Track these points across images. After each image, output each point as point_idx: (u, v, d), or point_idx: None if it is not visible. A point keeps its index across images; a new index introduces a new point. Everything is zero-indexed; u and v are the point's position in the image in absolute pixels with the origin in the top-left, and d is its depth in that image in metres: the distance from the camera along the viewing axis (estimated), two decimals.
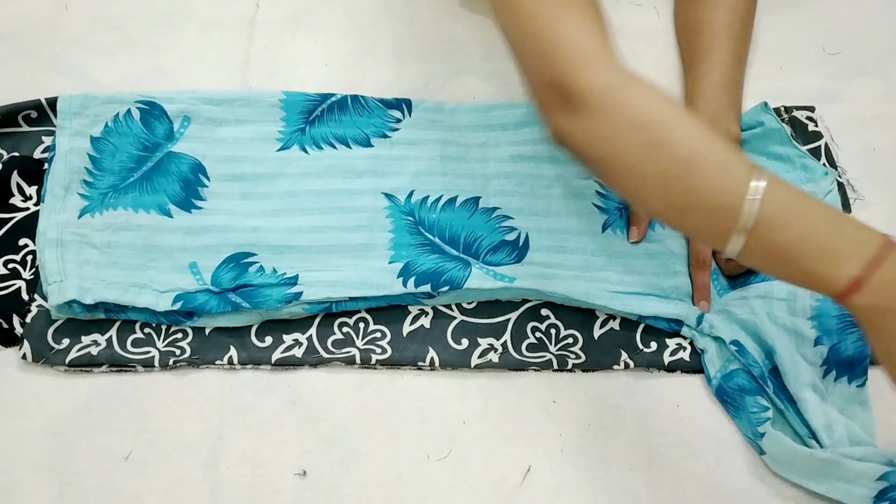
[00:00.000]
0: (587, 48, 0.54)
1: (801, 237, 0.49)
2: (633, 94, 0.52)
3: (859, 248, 0.48)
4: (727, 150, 0.50)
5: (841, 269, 0.48)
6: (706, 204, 0.50)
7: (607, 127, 0.53)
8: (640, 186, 0.53)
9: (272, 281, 0.67)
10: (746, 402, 0.65)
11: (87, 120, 0.73)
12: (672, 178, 0.51)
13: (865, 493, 0.60)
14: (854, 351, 0.67)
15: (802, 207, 0.49)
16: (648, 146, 0.51)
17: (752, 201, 0.49)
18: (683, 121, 0.52)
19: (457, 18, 0.84)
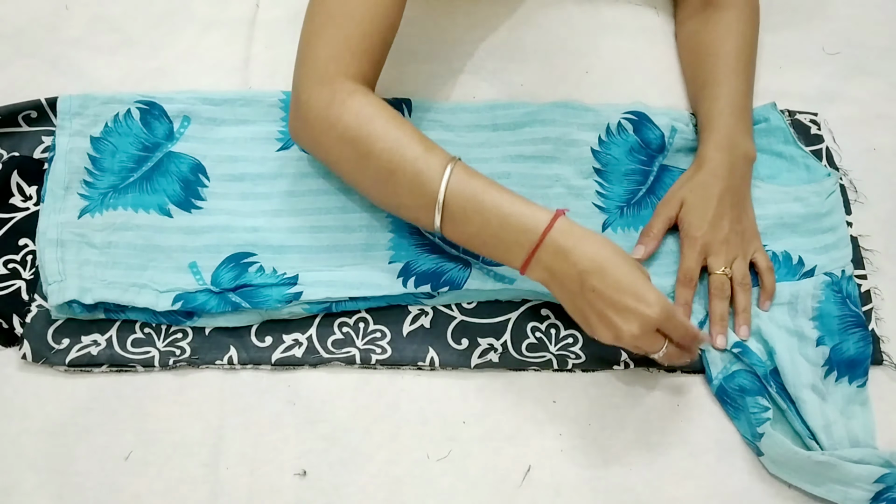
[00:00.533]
0: (327, 66, 0.63)
1: (480, 230, 0.61)
2: (346, 111, 0.62)
3: (525, 236, 0.59)
4: (419, 158, 0.61)
5: (512, 256, 0.61)
6: (408, 203, 0.62)
7: (322, 138, 0.64)
8: (358, 187, 0.66)
9: (272, 281, 0.67)
10: (746, 403, 0.65)
11: (87, 120, 0.73)
12: (379, 182, 0.63)
13: (862, 495, 0.60)
14: (855, 351, 0.67)
15: (480, 202, 0.60)
16: (357, 158, 0.62)
17: (437, 206, 0.60)
18: (385, 135, 0.61)
19: (457, 18, 0.84)
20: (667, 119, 0.77)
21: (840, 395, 0.65)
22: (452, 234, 0.63)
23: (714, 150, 0.71)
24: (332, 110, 0.62)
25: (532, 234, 0.59)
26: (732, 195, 0.70)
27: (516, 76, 0.81)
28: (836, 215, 0.73)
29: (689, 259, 0.69)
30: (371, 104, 0.63)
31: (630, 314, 0.58)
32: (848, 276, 0.71)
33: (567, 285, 0.60)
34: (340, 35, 0.63)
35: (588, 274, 0.58)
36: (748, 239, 0.70)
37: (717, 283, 0.68)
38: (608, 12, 0.86)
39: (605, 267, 0.58)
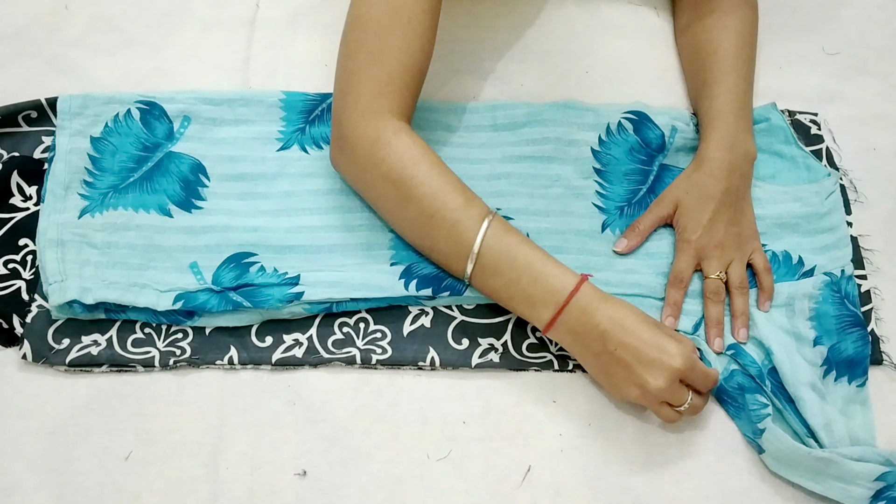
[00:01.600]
0: (374, 103, 0.64)
1: (509, 284, 0.62)
2: (391, 152, 0.63)
3: (552, 297, 0.61)
4: (459, 209, 0.63)
5: (539, 314, 0.62)
6: (443, 250, 0.64)
7: (366, 175, 0.65)
8: (395, 226, 0.68)
9: (273, 281, 0.67)
10: (746, 401, 0.65)
11: (87, 120, 0.73)
12: (417, 226, 0.65)
13: (863, 493, 0.60)
14: (854, 351, 0.67)
15: (513, 258, 0.62)
16: (398, 199, 0.64)
17: (472, 256, 0.63)
18: (429, 181, 0.63)
19: (457, 18, 0.84)
20: (667, 119, 0.77)
21: (840, 395, 0.65)
22: (481, 285, 0.65)
23: (714, 149, 0.71)
24: (377, 149, 0.63)
25: (559, 296, 0.61)
26: (730, 196, 0.70)
27: (516, 76, 0.81)
28: (836, 215, 0.73)
29: (681, 261, 0.69)
30: (416, 147, 0.64)
31: (655, 367, 0.59)
32: (848, 275, 0.71)
33: (590, 345, 0.61)
34: (383, 72, 0.63)
35: (611, 332, 0.60)
36: (745, 240, 0.70)
37: (712, 287, 0.68)
38: (608, 12, 0.86)
39: (626, 324, 0.60)
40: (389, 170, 0.63)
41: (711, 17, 0.78)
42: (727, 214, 0.69)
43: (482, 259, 0.63)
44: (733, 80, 0.74)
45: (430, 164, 0.64)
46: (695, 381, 0.61)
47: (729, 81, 0.74)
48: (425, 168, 0.63)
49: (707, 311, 0.68)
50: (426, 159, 0.64)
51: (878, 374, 0.68)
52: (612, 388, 0.63)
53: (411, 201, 0.63)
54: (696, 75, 0.78)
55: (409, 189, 0.63)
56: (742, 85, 0.74)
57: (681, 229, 0.70)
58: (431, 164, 0.64)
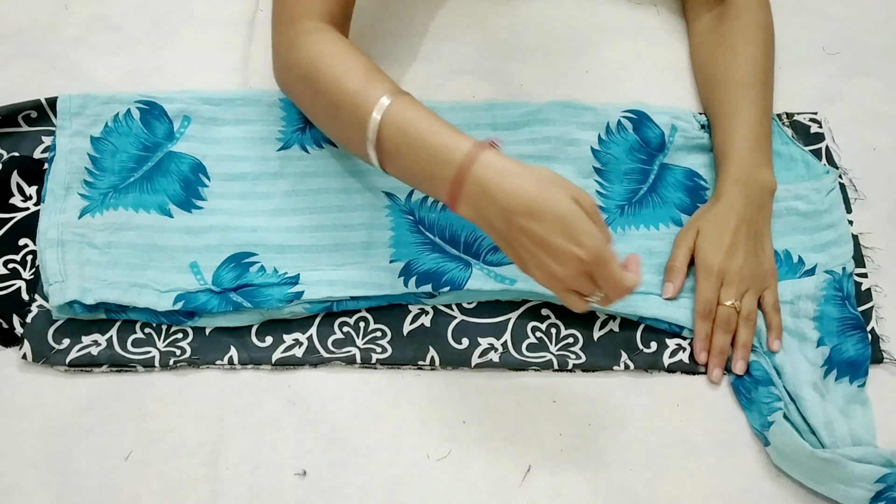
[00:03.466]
0: (293, 10, 0.64)
1: (411, 164, 0.59)
2: (300, 50, 0.63)
3: (447, 169, 0.56)
4: (357, 92, 0.60)
5: (440, 190, 0.58)
6: (353, 138, 0.62)
7: (286, 80, 0.67)
8: (315, 122, 0.68)
9: (273, 280, 0.67)
10: (759, 393, 0.65)
11: (87, 120, 0.73)
12: (328, 118, 0.64)
13: (863, 494, 0.60)
14: (855, 352, 0.67)
15: (409, 135, 0.58)
16: (310, 96, 0.64)
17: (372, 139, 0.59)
18: (330, 69, 0.62)
19: (457, 18, 0.84)
20: (667, 118, 0.77)
21: (840, 395, 0.65)
22: (392, 171, 0.61)
23: (731, 184, 0.70)
24: (291, 52, 0.64)
25: (451, 167, 0.56)
26: (749, 227, 0.69)
27: (516, 76, 0.81)
28: (837, 212, 0.73)
29: (706, 290, 0.67)
30: (324, 41, 0.63)
31: (560, 254, 0.53)
32: (849, 273, 0.71)
33: (494, 224, 0.56)
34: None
35: (513, 213, 0.54)
36: (763, 274, 0.69)
37: (724, 315, 0.67)
38: (608, 12, 0.86)
39: (532, 205, 0.53)
40: (299, 68, 0.64)
41: (724, 43, 0.77)
42: (747, 245, 0.68)
43: (382, 142, 0.59)
44: (747, 111, 0.73)
45: (334, 53, 0.62)
46: (601, 281, 0.55)
47: (742, 113, 0.73)
48: (328, 59, 0.62)
49: (713, 340, 0.67)
50: (331, 49, 0.63)
51: (879, 374, 0.68)
52: (521, 268, 0.57)
53: (319, 95, 0.62)
54: (709, 102, 0.77)
55: (315, 82, 0.62)
56: (757, 115, 0.73)
57: (702, 254, 0.68)
58: (335, 53, 0.62)
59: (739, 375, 0.66)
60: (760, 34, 0.76)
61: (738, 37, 0.76)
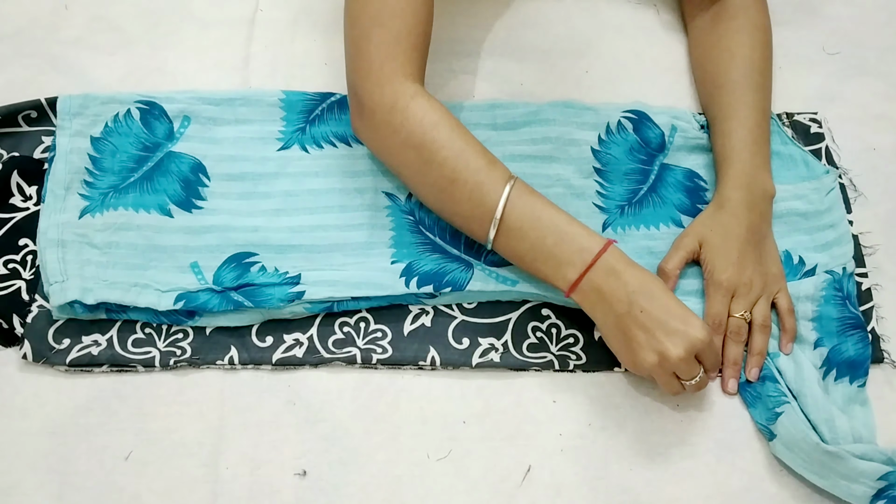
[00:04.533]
0: (385, 67, 0.63)
1: (534, 245, 0.62)
2: (410, 116, 0.63)
3: (578, 256, 0.61)
4: (481, 171, 0.62)
5: (564, 272, 0.62)
6: (465, 214, 0.64)
7: (387, 142, 0.65)
8: (417, 191, 0.68)
9: (274, 280, 0.67)
10: (766, 388, 0.65)
11: (87, 120, 0.73)
12: (439, 190, 0.64)
13: (865, 491, 0.60)
14: (856, 352, 0.67)
15: (537, 219, 0.62)
16: (420, 163, 0.64)
17: (495, 218, 0.62)
18: (450, 144, 0.63)
19: (456, 18, 0.84)
20: (667, 118, 0.77)
21: (840, 395, 0.65)
22: (504, 248, 0.64)
23: (732, 188, 0.70)
24: (395, 115, 0.63)
25: (587, 254, 0.61)
26: (753, 234, 0.69)
27: (516, 76, 0.81)
28: (837, 212, 0.73)
29: (717, 303, 0.67)
30: (434, 110, 0.64)
31: (678, 336, 0.59)
32: (849, 273, 0.71)
33: (615, 306, 0.61)
34: (390, 35, 0.63)
35: (638, 294, 0.60)
36: (772, 280, 0.69)
37: (735, 326, 0.67)
38: (608, 12, 0.86)
39: (654, 290, 0.60)
40: (409, 135, 0.63)
41: (720, 44, 0.77)
42: (754, 254, 0.68)
43: (506, 221, 0.62)
44: (746, 115, 0.72)
45: (451, 127, 0.63)
46: (707, 359, 0.62)
47: (740, 116, 0.72)
48: (446, 131, 0.63)
49: (726, 352, 0.67)
50: (445, 122, 0.63)
51: (879, 374, 0.68)
52: (627, 352, 0.62)
53: (433, 165, 0.63)
54: (708, 105, 0.77)
55: (431, 153, 0.63)
56: (753, 117, 0.72)
57: (710, 268, 0.68)
58: (451, 127, 0.63)
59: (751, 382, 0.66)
60: (758, 36, 0.76)
61: (736, 38, 0.76)
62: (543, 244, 0.62)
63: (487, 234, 0.63)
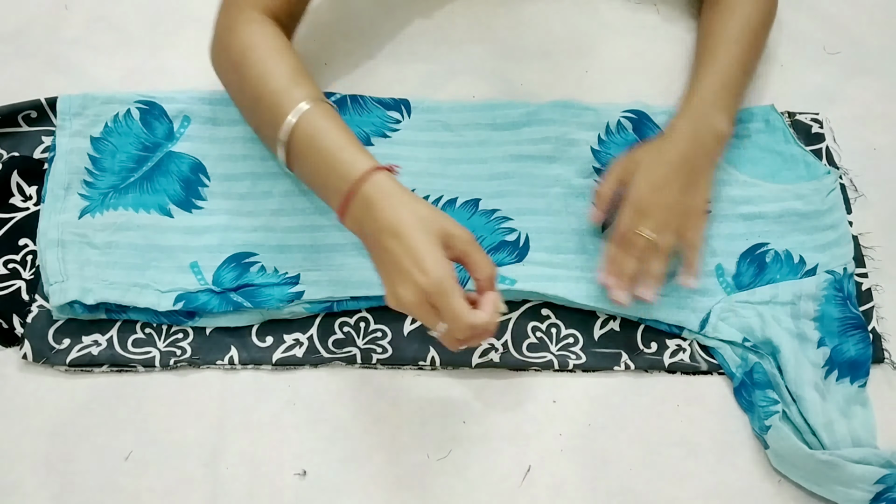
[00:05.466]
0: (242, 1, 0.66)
1: (313, 171, 0.61)
2: (236, 37, 0.65)
3: (342, 183, 0.59)
4: (280, 92, 0.62)
5: (332, 201, 0.60)
6: (266, 135, 0.64)
7: (218, 60, 0.68)
8: (238, 108, 0.69)
9: (274, 280, 0.67)
10: (756, 396, 0.65)
11: (86, 120, 0.73)
12: (248, 110, 0.66)
13: (863, 496, 0.60)
14: (856, 352, 0.67)
15: (318, 143, 0.60)
16: (237, 82, 0.66)
17: (283, 140, 0.61)
18: (259, 63, 0.63)
19: (456, 19, 0.84)
20: (667, 117, 0.77)
21: (841, 395, 0.65)
22: (297, 173, 0.64)
23: (680, 118, 0.70)
24: (226, 35, 0.66)
25: (347, 182, 0.59)
26: (687, 163, 0.68)
27: (516, 76, 0.81)
28: (837, 212, 0.73)
29: (626, 219, 0.66)
30: (260, 33, 0.65)
31: (407, 278, 0.56)
32: (850, 273, 0.71)
33: (367, 240, 0.59)
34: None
35: (384, 233, 0.57)
36: (691, 212, 0.68)
37: (637, 241, 0.66)
38: (608, 12, 0.86)
39: (401, 227, 0.56)
40: (230, 53, 0.65)
41: (721, 3, 0.77)
42: (680, 181, 0.67)
43: (292, 144, 0.61)
44: (723, 60, 0.73)
45: (267, 48, 0.64)
46: (442, 312, 0.56)
47: (718, 61, 0.73)
48: (261, 52, 0.64)
49: (620, 261, 0.66)
50: (265, 44, 0.64)
51: (879, 374, 0.68)
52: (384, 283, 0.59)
53: (244, 83, 0.64)
54: (696, 57, 0.78)
55: (243, 71, 0.64)
56: (733, 67, 0.73)
57: (632, 187, 0.67)
58: (269, 48, 0.64)
59: (743, 384, 0.66)
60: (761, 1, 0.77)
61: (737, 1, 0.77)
62: (319, 170, 0.61)
63: (279, 155, 0.63)
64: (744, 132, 0.77)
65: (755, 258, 0.71)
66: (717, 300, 0.69)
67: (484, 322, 0.56)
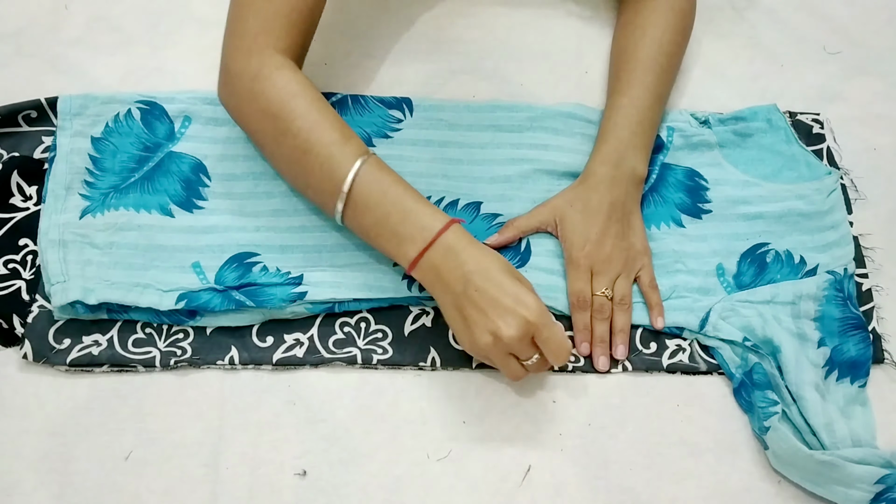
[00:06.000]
0: (259, 38, 0.64)
1: (379, 221, 0.62)
2: (271, 86, 0.63)
3: (420, 234, 0.60)
4: (334, 144, 0.62)
5: (405, 250, 0.61)
6: (316, 186, 0.64)
7: (246, 109, 0.65)
8: (274, 162, 0.68)
9: (277, 280, 0.67)
10: (756, 397, 0.65)
11: (87, 120, 0.73)
12: (293, 162, 0.64)
13: (863, 496, 0.60)
14: (857, 352, 0.67)
15: (384, 196, 0.61)
16: (275, 133, 0.64)
17: (342, 192, 0.61)
18: (306, 115, 0.63)
19: (456, 19, 0.84)
20: (665, 119, 0.77)
21: (841, 395, 0.65)
22: (353, 223, 0.64)
23: (599, 164, 0.70)
24: (257, 83, 0.64)
25: (427, 233, 0.60)
26: (616, 210, 0.68)
27: (516, 76, 0.81)
28: (838, 213, 0.73)
29: (577, 281, 0.68)
30: (296, 81, 0.64)
31: (510, 316, 0.58)
32: (850, 274, 0.71)
33: (451, 285, 0.60)
34: (272, 8, 0.64)
35: (474, 274, 0.59)
36: (634, 256, 0.69)
37: (597, 304, 0.67)
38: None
39: (490, 270, 0.59)
40: (268, 103, 0.63)
41: (635, 21, 0.76)
42: (614, 229, 0.68)
43: (353, 196, 0.62)
44: (636, 93, 0.72)
45: (309, 99, 0.63)
46: (544, 343, 0.59)
47: (631, 94, 0.72)
48: (303, 102, 0.63)
49: (593, 329, 0.67)
50: (305, 94, 0.63)
51: (879, 374, 0.68)
52: (465, 332, 0.60)
53: (287, 135, 0.63)
54: (610, 83, 0.76)
55: (286, 122, 0.63)
56: (646, 98, 0.72)
57: (568, 245, 0.68)
58: (310, 99, 0.63)
59: (743, 385, 0.66)
60: (673, 19, 0.75)
61: (651, 17, 0.75)
62: (388, 221, 0.61)
63: (335, 207, 0.63)
64: (746, 131, 0.77)
65: (756, 258, 0.71)
66: (718, 299, 0.69)
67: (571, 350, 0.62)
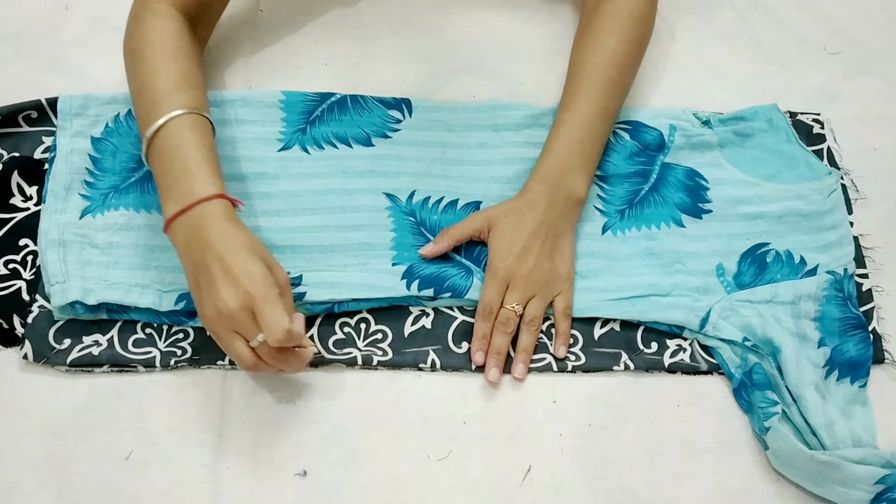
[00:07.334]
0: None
1: (163, 173, 0.62)
2: (137, 27, 0.67)
3: (184, 196, 0.60)
4: (161, 92, 0.63)
5: (167, 208, 0.61)
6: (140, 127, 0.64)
7: (124, 44, 0.68)
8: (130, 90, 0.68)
9: None
10: (756, 397, 0.65)
11: (87, 120, 0.73)
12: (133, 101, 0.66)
13: (863, 496, 0.60)
14: (857, 352, 0.67)
15: (176, 151, 0.61)
16: (127, 71, 0.67)
17: (148, 136, 0.62)
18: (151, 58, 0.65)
19: (456, 19, 0.84)
20: (665, 119, 0.77)
21: (841, 395, 0.65)
22: (151, 167, 0.64)
23: (538, 181, 0.69)
24: (133, 22, 0.68)
25: (190, 196, 0.60)
26: (546, 230, 0.67)
27: (516, 76, 0.81)
28: (839, 213, 0.73)
29: (490, 291, 0.66)
30: (159, 29, 0.66)
31: (232, 286, 0.56)
32: (850, 274, 0.71)
33: (193, 253, 0.59)
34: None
35: (213, 244, 0.58)
36: (554, 278, 0.67)
37: (503, 317, 0.66)
38: None
39: (232, 244, 0.58)
40: (130, 41, 0.67)
41: (590, 26, 0.74)
42: (540, 248, 0.67)
43: (154, 143, 0.62)
44: (582, 109, 0.70)
45: (163, 47, 0.66)
46: (260, 316, 0.56)
47: (576, 111, 0.70)
48: (155, 49, 0.65)
49: (492, 340, 0.66)
50: (162, 42, 0.66)
51: (879, 374, 0.68)
52: (198, 305, 0.60)
53: (132, 74, 0.66)
54: (563, 94, 0.74)
55: (135, 63, 0.66)
56: (591, 115, 0.70)
57: (491, 254, 0.67)
58: (164, 48, 0.66)
59: (743, 385, 0.66)
60: (630, 26, 0.73)
61: (606, 25, 0.73)
62: (168, 175, 0.61)
63: (142, 149, 0.64)
64: (746, 131, 0.77)
65: (756, 258, 0.71)
66: (718, 299, 0.69)
67: (299, 333, 0.57)
